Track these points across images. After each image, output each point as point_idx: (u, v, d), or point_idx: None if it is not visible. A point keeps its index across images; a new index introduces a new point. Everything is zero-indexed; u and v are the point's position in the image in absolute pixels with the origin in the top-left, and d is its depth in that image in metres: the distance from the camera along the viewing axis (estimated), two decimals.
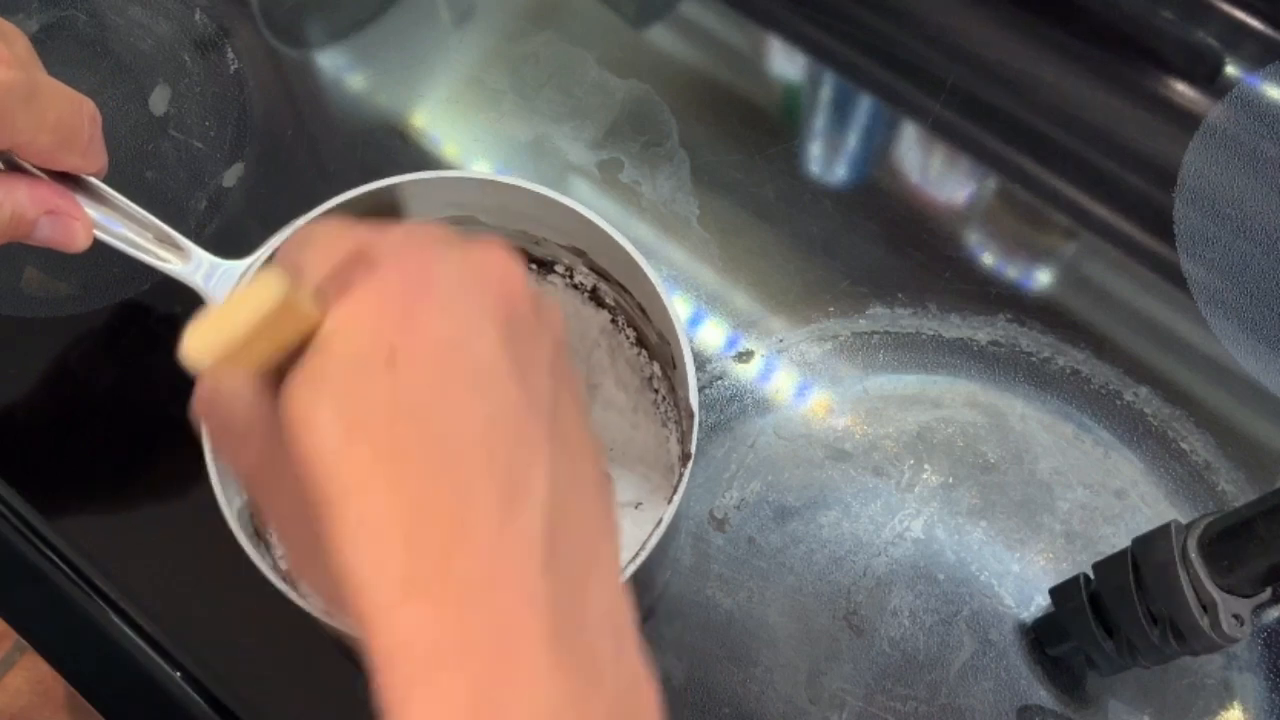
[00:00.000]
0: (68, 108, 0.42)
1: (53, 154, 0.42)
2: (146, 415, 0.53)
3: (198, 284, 0.44)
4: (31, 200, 0.42)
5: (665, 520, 0.41)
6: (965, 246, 0.58)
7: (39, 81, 0.40)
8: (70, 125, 0.42)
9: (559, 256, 0.51)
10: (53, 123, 0.41)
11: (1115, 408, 0.54)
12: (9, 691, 1.07)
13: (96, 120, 0.43)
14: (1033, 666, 0.49)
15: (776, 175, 0.60)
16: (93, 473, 0.52)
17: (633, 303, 0.49)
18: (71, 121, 0.42)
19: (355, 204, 0.46)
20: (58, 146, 0.42)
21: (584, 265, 0.50)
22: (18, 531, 0.51)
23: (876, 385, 0.54)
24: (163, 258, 0.45)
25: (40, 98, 0.40)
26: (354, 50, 0.64)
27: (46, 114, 0.41)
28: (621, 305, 0.50)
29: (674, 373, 0.48)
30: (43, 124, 0.41)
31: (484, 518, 0.25)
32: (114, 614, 0.49)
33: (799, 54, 0.65)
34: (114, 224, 0.44)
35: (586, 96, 0.62)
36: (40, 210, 0.42)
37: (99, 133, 0.43)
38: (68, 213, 0.43)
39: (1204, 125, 0.61)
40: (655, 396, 0.51)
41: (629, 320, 0.51)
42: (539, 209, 0.47)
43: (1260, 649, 0.49)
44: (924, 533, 0.51)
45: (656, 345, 0.49)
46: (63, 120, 0.41)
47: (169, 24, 0.63)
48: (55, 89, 0.41)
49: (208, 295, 0.44)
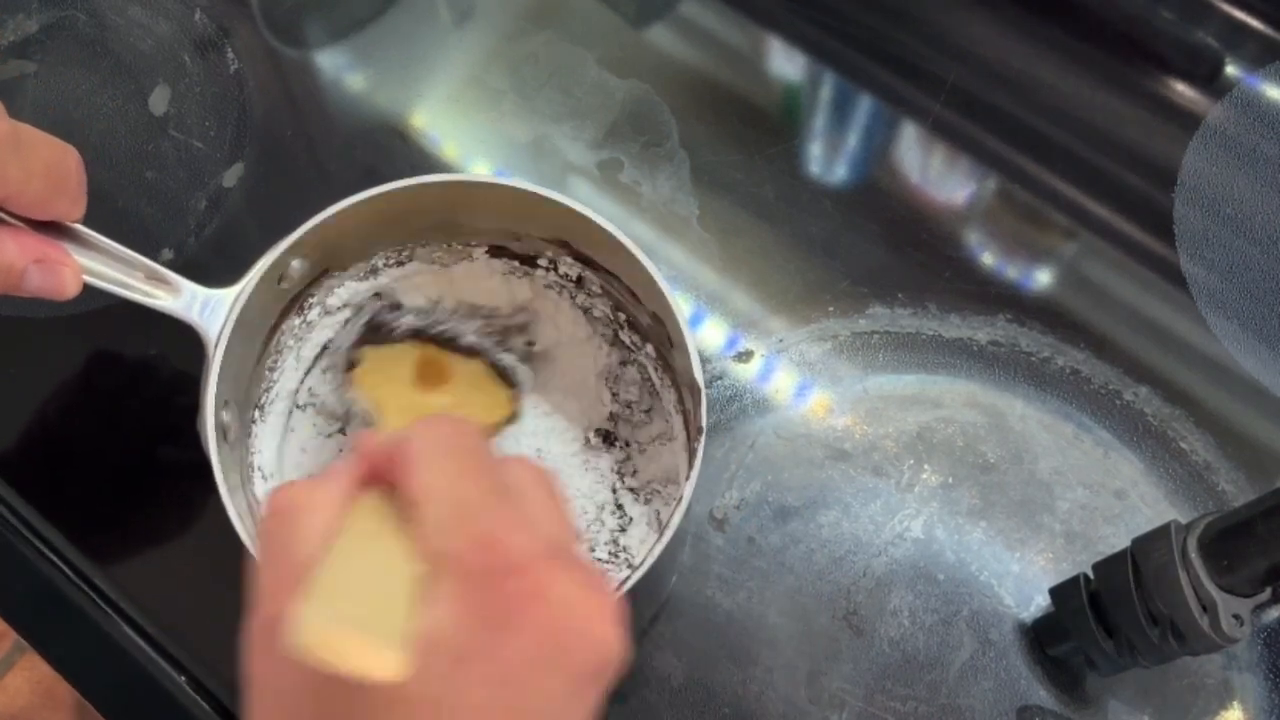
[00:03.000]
0: (55, 154, 0.41)
1: (44, 202, 0.41)
2: (147, 415, 0.53)
3: (191, 319, 0.45)
4: (20, 251, 0.41)
5: (685, 496, 0.42)
6: (965, 246, 0.58)
7: (22, 131, 0.40)
8: (59, 172, 0.41)
9: (542, 250, 0.51)
10: (41, 170, 0.40)
11: (1115, 408, 0.54)
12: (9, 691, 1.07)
13: (82, 166, 0.43)
14: (1033, 666, 0.49)
15: (776, 175, 0.60)
16: (93, 473, 0.52)
17: (621, 287, 0.49)
18: (60, 168, 0.41)
19: (327, 224, 0.46)
20: (49, 193, 0.41)
21: (568, 255, 0.50)
22: (17, 532, 0.51)
23: (876, 385, 0.54)
24: (154, 295, 0.45)
25: (25, 146, 0.40)
26: (354, 50, 0.64)
27: (34, 162, 0.40)
28: (610, 292, 0.50)
29: (671, 352, 0.48)
30: (32, 172, 0.40)
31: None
32: (114, 614, 0.49)
33: (799, 54, 0.65)
34: (102, 266, 0.44)
35: (586, 96, 0.62)
36: (29, 260, 0.41)
37: (84, 177, 0.43)
38: (57, 260, 0.42)
39: (1204, 125, 0.61)
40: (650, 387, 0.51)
41: (618, 305, 0.50)
42: (518, 204, 0.48)
43: (1260, 649, 0.49)
44: (924, 533, 0.51)
45: (650, 327, 0.49)
46: (51, 167, 0.41)
47: (169, 24, 0.63)
48: (38, 137, 0.41)
49: (200, 328, 0.45)
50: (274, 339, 0.49)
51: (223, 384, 0.44)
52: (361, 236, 0.49)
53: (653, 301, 0.47)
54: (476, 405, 0.46)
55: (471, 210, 0.49)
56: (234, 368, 0.45)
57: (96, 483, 0.52)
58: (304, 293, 0.49)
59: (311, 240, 0.46)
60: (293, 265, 0.47)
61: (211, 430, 0.43)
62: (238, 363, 0.46)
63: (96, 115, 0.61)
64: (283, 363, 0.50)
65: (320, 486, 0.31)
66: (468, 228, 0.50)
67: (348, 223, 0.47)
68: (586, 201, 0.49)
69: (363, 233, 0.49)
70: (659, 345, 0.49)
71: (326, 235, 0.47)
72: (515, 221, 0.49)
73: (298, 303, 0.49)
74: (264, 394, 0.49)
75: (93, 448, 0.52)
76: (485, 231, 0.51)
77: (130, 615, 0.49)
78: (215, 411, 0.43)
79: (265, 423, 0.49)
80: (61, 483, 0.52)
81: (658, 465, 0.49)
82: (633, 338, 0.51)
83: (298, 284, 0.48)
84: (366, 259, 0.50)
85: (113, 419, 0.53)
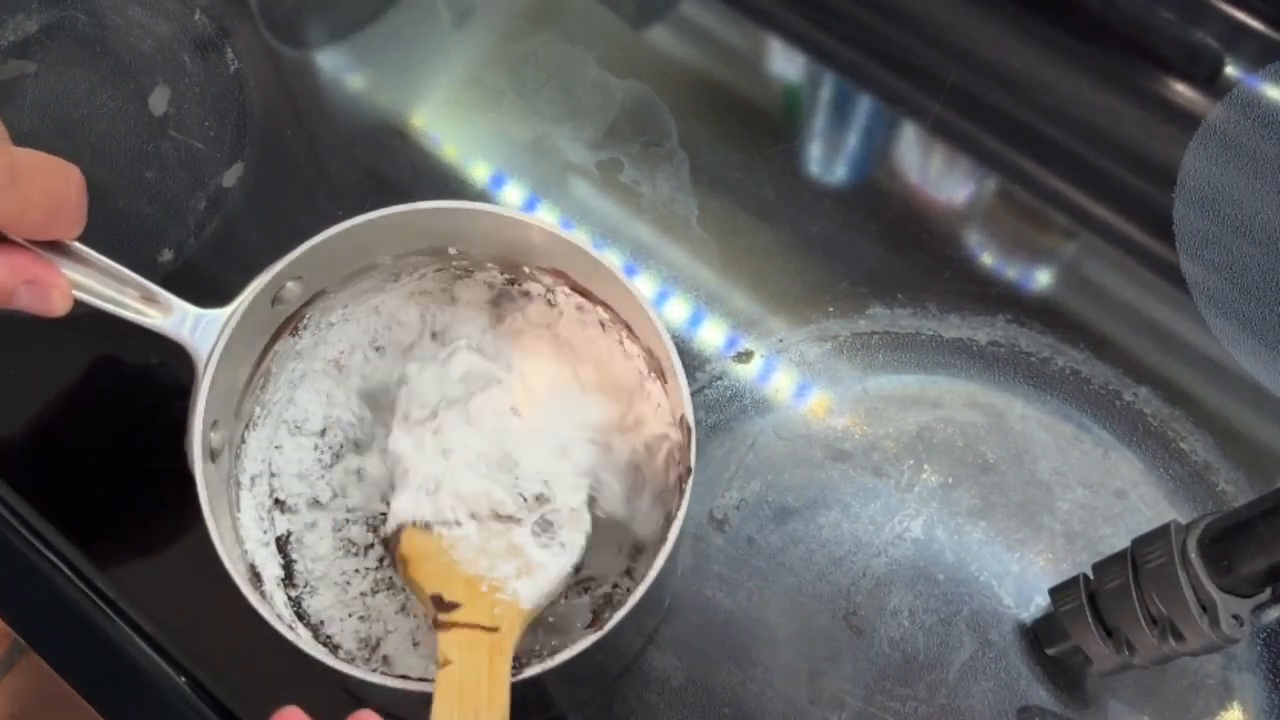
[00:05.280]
0: (54, 182, 0.41)
1: (40, 229, 0.41)
2: (148, 416, 0.53)
3: (183, 338, 0.44)
4: (9, 271, 0.41)
5: (673, 533, 0.41)
6: (965, 246, 0.58)
7: (20, 159, 0.40)
8: (58, 198, 0.41)
9: (540, 280, 0.50)
10: (39, 200, 0.40)
11: (1115, 408, 0.54)
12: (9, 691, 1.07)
13: (84, 187, 0.42)
14: (1033, 666, 0.49)
15: (776, 175, 0.60)
16: (93, 472, 0.52)
17: (619, 320, 0.49)
18: (59, 195, 0.41)
19: (323, 247, 0.46)
20: (46, 221, 0.41)
21: (566, 286, 0.50)
22: (17, 532, 0.51)
23: (876, 385, 0.54)
24: (145, 314, 0.45)
25: (23, 177, 0.40)
26: (354, 50, 0.64)
27: (32, 193, 0.40)
28: (606, 325, 0.50)
29: (667, 385, 0.47)
30: (29, 204, 0.40)
31: None
32: (114, 614, 0.49)
33: (799, 54, 0.65)
34: (94, 283, 0.44)
35: (586, 96, 0.62)
36: (19, 280, 0.41)
37: (85, 198, 0.43)
38: (46, 281, 0.42)
39: (1204, 125, 0.61)
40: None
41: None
42: (515, 233, 0.47)
43: (1260, 649, 0.49)
44: (924, 533, 0.51)
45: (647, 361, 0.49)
46: (48, 195, 0.41)
47: (169, 24, 0.64)
48: (37, 164, 0.40)
49: (192, 348, 0.44)
50: (267, 358, 0.48)
51: (212, 404, 0.43)
52: (357, 259, 0.49)
53: (647, 336, 0.47)
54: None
55: (468, 237, 0.49)
56: (224, 388, 0.45)
57: (97, 483, 0.52)
58: (298, 313, 0.49)
59: (306, 262, 0.46)
60: (287, 286, 0.47)
61: (199, 451, 0.42)
62: (228, 382, 0.45)
63: (96, 115, 0.61)
64: (276, 382, 0.49)
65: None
66: (464, 254, 0.50)
67: (344, 245, 0.46)
68: (586, 202, 0.49)
69: (358, 256, 0.48)
70: (658, 375, 0.49)
71: (322, 257, 0.46)
72: (512, 250, 0.49)
73: (291, 323, 0.49)
74: (255, 413, 0.49)
75: (93, 448, 0.52)
76: (482, 258, 0.50)
77: (130, 615, 0.49)
78: (204, 432, 0.43)
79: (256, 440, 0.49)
80: (62, 483, 0.52)
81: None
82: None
83: (292, 305, 0.48)
84: (362, 281, 0.50)
85: (113, 420, 0.53)
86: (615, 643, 0.41)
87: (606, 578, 0.48)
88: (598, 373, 0.50)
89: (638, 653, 0.48)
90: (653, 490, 0.48)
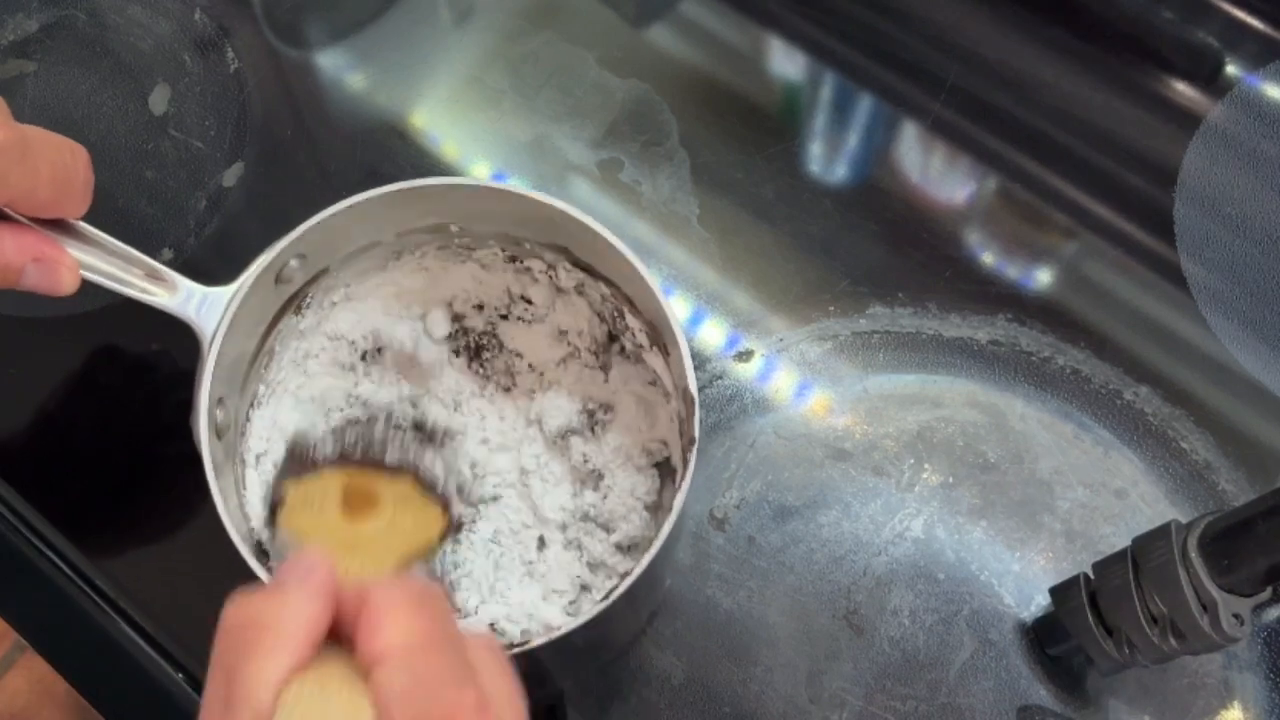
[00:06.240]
0: (62, 158, 0.41)
1: (49, 205, 0.42)
2: (147, 415, 0.53)
3: (189, 316, 0.45)
4: (17, 249, 0.41)
5: (676, 506, 0.41)
6: (965, 246, 0.58)
7: (30, 135, 0.40)
8: (66, 175, 0.42)
9: (540, 255, 0.51)
10: (48, 176, 0.41)
11: (1115, 407, 0.54)
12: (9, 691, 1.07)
13: (90, 165, 0.43)
14: (1033, 666, 0.49)
15: (776, 175, 0.60)
16: (93, 472, 0.52)
17: (620, 295, 0.49)
18: (68, 171, 0.42)
19: (325, 224, 0.46)
20: (55, 197, 0.42)
21: (567, 262, 0.50)
22: (18, 532, 0.51)
23: (876, 385, 0.54)
24: (151, 292, 0.45)
25: (32, 152, 0.40)
26: (354, 50, 0.64)
27: (41, 169, 0.40)
28: (608, 300, 0.50)
29: (668, 359, 0.48)
30: (38, 179, 0.40)
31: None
32: (114, 614, 0.49)
33: (799, 54, 0.65)
34: (100, 262, 0.44)
35: (586, 96, 0.62)
36: (27, 258, 0.42)
37: (92, 176, 0.43)
38: (54, 259, 0.42)
39: (1204, 125, 0.61)
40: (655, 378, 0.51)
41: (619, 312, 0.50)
42: (516, 209, 0.47)
43: (1260, 649, 0.49)
44: (924, 532, 0.51)
45: (649, 335, 0.49)
46: (57, 172, 0.41)
47: (169, 24, 0.64)
48: (46, 141, 0.41)
49: (197, 326, 0.45)
50: (270, 337, 0.49)
51: (217, 381, 0.44)
52: (360, 237, 0.49)
53: (649, 309, 0.47)
54: (408, 526, 0.44)
55: (470, 214, 0.49)
56: (229, 365, 0.45)
57: (96, 482, 0.52)
58: (301, 291, 0.49)
59: (309, 240, 0.46)
60: (290, 264, 0.47)
61: (205, 427, 0.43)
62: (233, 360, 0.46)
63: (96, 115, 0.61)
64: (279, 360, 0.50)
65: (280, 613, 0.30)
66: (466, 231, 0.50)
67: (346, 223, 0.47)
68: (586, 201, 0.49)
69: (361, 234, 0.49)
70: (661, 350, 0.49)
71: (324, 235, 0.47)
72: (514, 225, 0.49)
73: (295, 302, 0.49)
74: (260, 391, 0.49)
75: (93, 447, 0.52)
76: (484, 235, 0.51)
77: (130, 615, 0.49)
78: (209, 409, 0.43)
79: (260, 418, 0.49)
80: (61, 482, 0.52)
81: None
82: (635, 344, 0.51)
83: (295, 283, 0.48)
84: (364, 260, 0.50)
85: (113, 419, 0.53)
86: (614, 616, 0.42)
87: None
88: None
89: (636, 651, 0.48)
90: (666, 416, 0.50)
